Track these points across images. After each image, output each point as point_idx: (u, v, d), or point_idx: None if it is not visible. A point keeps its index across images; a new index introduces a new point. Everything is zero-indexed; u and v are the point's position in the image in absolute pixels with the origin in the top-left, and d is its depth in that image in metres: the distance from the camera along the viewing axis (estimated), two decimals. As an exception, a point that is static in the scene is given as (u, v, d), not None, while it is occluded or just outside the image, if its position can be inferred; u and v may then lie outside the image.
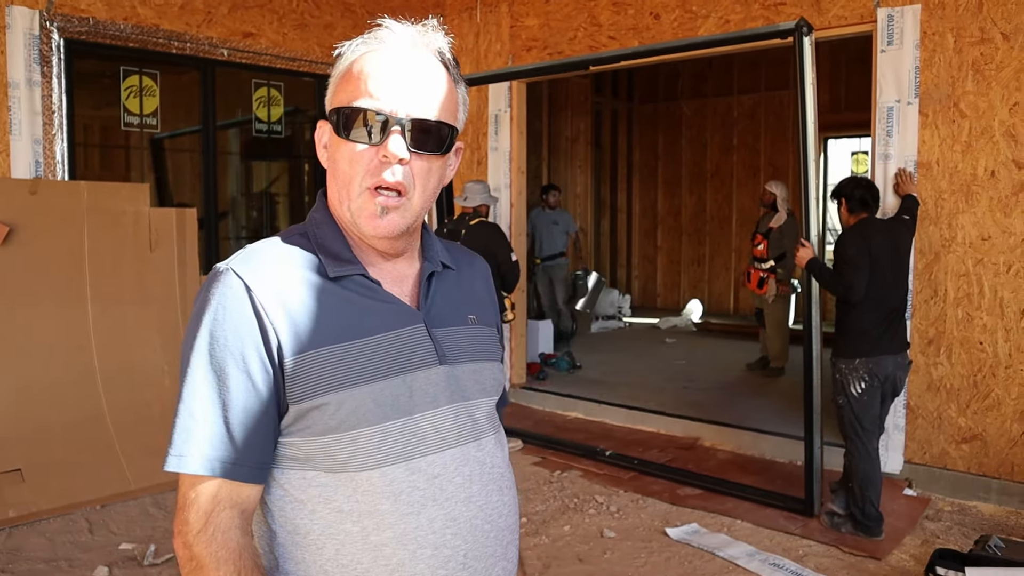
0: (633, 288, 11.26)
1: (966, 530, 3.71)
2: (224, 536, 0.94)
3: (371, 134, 0.98)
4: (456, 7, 6.36)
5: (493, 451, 1.08)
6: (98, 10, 4.58)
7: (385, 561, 0.97)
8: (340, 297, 1.00)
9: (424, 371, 1.02)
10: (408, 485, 0.97)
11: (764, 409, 5.49)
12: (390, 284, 1.05)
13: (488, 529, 1.04)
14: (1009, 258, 3.93)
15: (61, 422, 4.02)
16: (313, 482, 0.98)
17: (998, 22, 3.89)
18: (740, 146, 10.35)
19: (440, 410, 1.02)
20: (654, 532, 3.71)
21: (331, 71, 1.07)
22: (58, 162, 4.49)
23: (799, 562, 3.37)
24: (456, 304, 1.11)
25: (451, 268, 1.14)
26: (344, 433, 0.96)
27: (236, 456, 0.94)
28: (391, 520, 0.97)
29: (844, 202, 3.74)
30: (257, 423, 0.95)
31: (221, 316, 0.96)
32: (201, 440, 0.94)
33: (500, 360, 1.16)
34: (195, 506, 0.94)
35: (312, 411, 0.96)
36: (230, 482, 0.95)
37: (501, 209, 5.95)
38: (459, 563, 1.00)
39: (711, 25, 4.95)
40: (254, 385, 0.95)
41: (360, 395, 0.96)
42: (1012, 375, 3.93)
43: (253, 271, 0.98)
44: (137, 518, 3.80)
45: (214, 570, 0.92)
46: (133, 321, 4.42)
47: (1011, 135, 3.89)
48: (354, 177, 0.99)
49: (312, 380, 0.96)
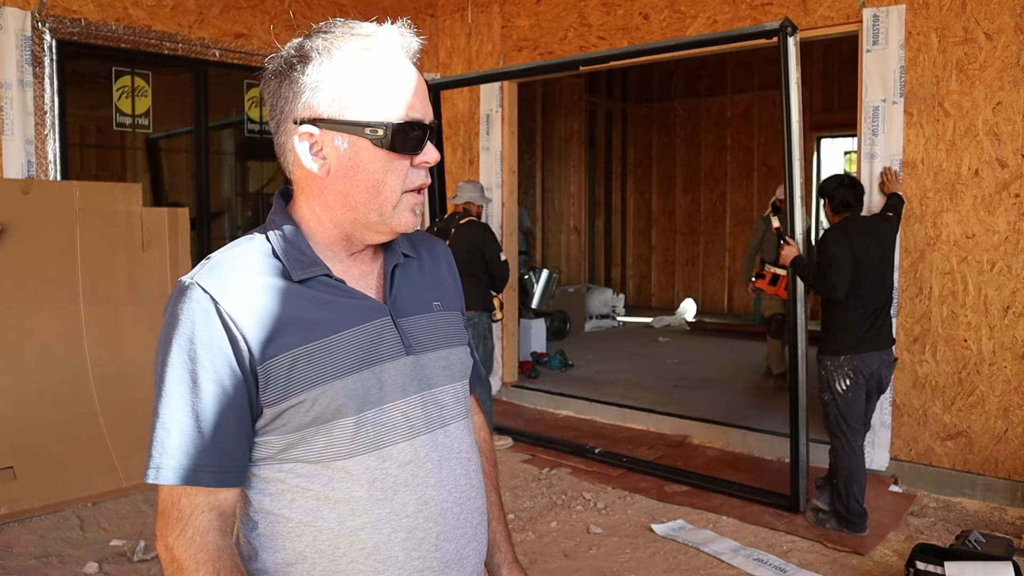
0: (627, 287, 11.30)
1: (950, 526, 3.74)
2: (203, 539, 0.97)
3: (418, 144, 1.03)
4: (448, 7, 6.39)
5: (460, 436, 1.12)
6: (90, 11, 4.61)
7: (361, 545, 1.01)
8: (305, 298, 1.02)
9: (392, 362, 1.05)
10: (381, 472, 1.02)
11: (753, 407, 5.52)
12: (355, 280, 1.08)
13: (458, 512, 1.09)
14: (993, 256, 3.96)
15: (53, 420, 4.05)
16: (291, 473, 1.02)
17: (981, 22, 3.93)
18: (734, 146, 10.40)
19: (409, 399, 1.06)
20: (640, 528, 3.74)
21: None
22: (50, 162, 4.52)
23: (783, 557, 3.40)
24: (421, 292, 1.15)
25: (412, 257, 1.17)
26: (319, 427, 1.00)
27: (210, 463, 0.98)
28: (366, 506, 1.01)
29: (827, 202, 3.78)
30: (230, 430, 0.99)
31: (189, 330, 0.98)
32: (176, 452, 0.97)
33: (466, 343, 1.20)
34: (175, 511, 0.98)
35: (287, 410, 0.99)
36: (207, 488, 0.98)
37: (492, 208, 5.98)
38: (432, 545, 1.05)
39: (699, 25, 4.98)
40: (226, 394, 0.98)
41: (332, 390, 1.00)
42: (996, 372, 3.97)
43: (218, 283, 1.00)
44: (128, 515, 3.83)
45: (193, 571, 0.96)
46: (125, 320, 4.45)
47: (994, 134, 3.93)
48: (390, 184, 1.03)
49: (285, 382, 0.99)
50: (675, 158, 10.92)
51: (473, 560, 1.12)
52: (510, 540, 1.31)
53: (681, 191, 10.89)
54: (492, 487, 1.30)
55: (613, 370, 6.86)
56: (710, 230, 10.65)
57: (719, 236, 10.58)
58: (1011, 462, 3.93)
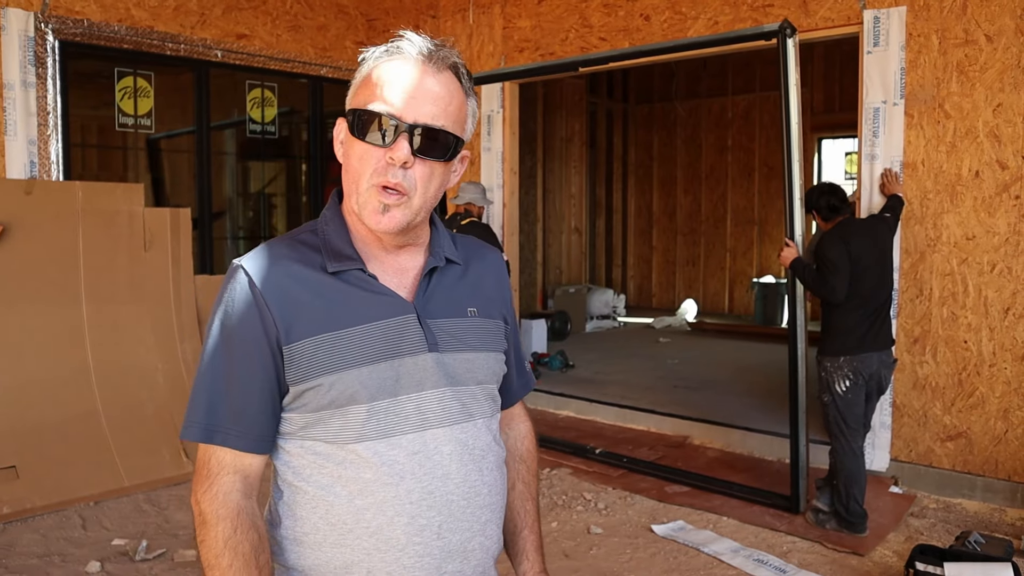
0: (628, 288, 11.31)
1: (950, 527, 3.75)
2: (225, 497, 1.07)
3: (383, 136, 1.06)
4: (449, 8, 6.40)
5: (479, 434, 1.16)
6: (92, 12, 4.63)
7: (366, 524, 1.08)
8: (336, 290, 1.10)
9: (412, 357, 1.11)
10: (389, 458, 1.08)
11: (753, 407, 5.53)
12: (389, 277, 1.14)
13: (464, 505, 1.12)
14: (993, 257, 3.97)
15: (55, 420, 4.06)
16: (310, 450, 1.10)
17: (982, 24, 3.94)
18: (735, 146, 10.40)
19: (425, 393, 1.11)
20: (641, 529, 3.75)
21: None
22: (53, 162, 4.53)
23: (783, 558, 3.41)
24: (457, 297, 1.19)
25: (457, 263, 1.21)
26: (335, 410, 1.07)
27: (235, 427, 1.08)
28: (373, 488, 1.07)
29: (816, 213, 3.81)
30: (256, 399, 1.08)
31: (230, 307, 1.09)
32: (204, 412, 1.08)
33: (501, 351, 1.23)
34: (204, 469, 1.09)
35: (307, 391, 1.07)
36: (233, 450, 1.08)
37: (493, 209, 5.99)
38: (434, 533, 1.09)
39: (700, 26, 4.99)
40: (254, 366, 1.07)
41: (349, 378, 1.07)
42: (996, 373, 3.97)
43: (259, 267, 1.10)
44: (130, 514, 3.84)
45: (214, 525, 1.06)
46: (127, 320, 4.46)
47: (995, 136, 3.94)
48: (362, 174, 1.07)
49: (307, 364, 1.07)
50: (676, 159, 10.92)
51: (478, 554, 1.15)
52: (541, 551, 1.33)
53: (682, 192, 10.90)
54: (530, 496, 1.34)
55: (614, 370, 6.87)
56: (711, 231, 10.66)
57: (720, 237, 10.59)
58: (1011, 463, 3.94)
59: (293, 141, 6.94)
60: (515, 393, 1.35)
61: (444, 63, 1.09)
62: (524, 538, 1.31)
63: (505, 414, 1.34)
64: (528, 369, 1.39)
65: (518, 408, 1.38)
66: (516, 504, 1.32)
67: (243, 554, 1.05)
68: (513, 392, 1.34)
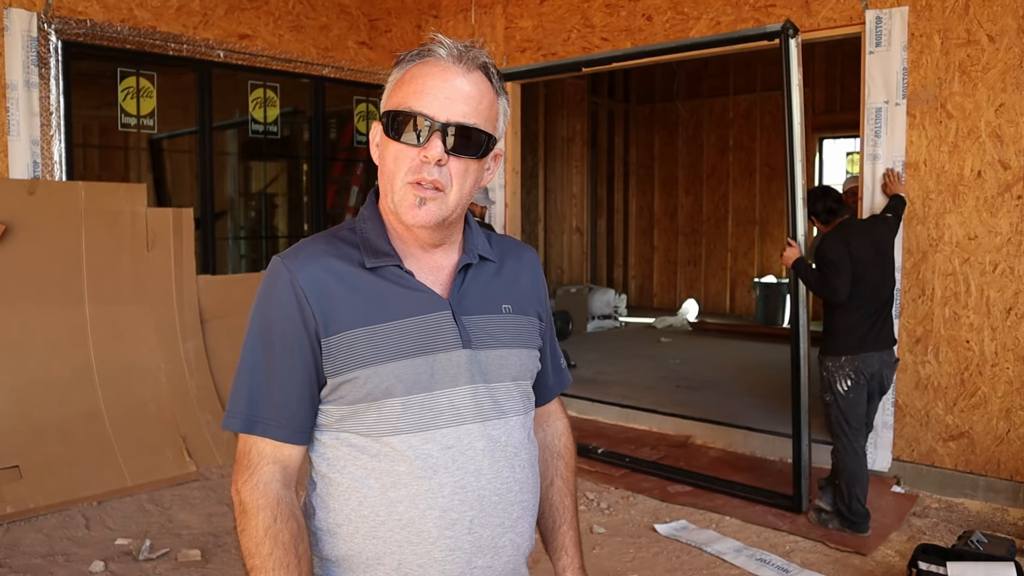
0: (629, 288, 11.31)
1: (952, 526, 3.76)
2: (265, 487, 1.10)
3: (418, 136, 1.08)
4: (451, 8, 6.40)
5: (512, 431, 1.17)
6: (95, 12, 4.63)
7: (398, 516, 1.09)
8: (373, 285, 1.12)
9: (447, 353, 1.12)
10: (423, 452, 1.09)
11: (755, 407, 5.53)
12: (425, 274, 1.16)
13: (496, 501, 1.13)
14: (995, 257, 3.97)
15: (58, 420, 4.07)
16: (345, 442, 1.12)
17: (984, 24, 3.94)
18: (736, 147, 10.41)
19: (458, 389, 1.12)
20: (643, 528, 3.75)
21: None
22: (56, 162, 4.54)
23: (786, 557, 3.42)
24: (492, 294, 1.20)
25: (492, 260, 1.22)
26: (371, 403, 1.10)
27: (274, 417, 1.11)
28: (406, 481, 1.09)
29: (815, 219, 3.81)
30: (295, 391, 1.11)
31: (270, 301, 1.12)
32: (244, 403, 1.12)
33: (535, 348, 1.24)
34: (245, 459, 1.12)
35: (344, 384, 1.10)
36: (273, 441, 1.11)
37: (495, 209, 6.00)
38: (465, 527, 1.11)
39: (702, 27, 4.99)
40: (295, 359, 1.10)
41: (384, 371, 1.09)
42: (998, 373, 3.98)
43: (299, 262, 1.12)
44: (133, 514, 3.85)
45: (254, 515, 1.08)
46: (130, 320, 4.47)
47: (997, 136, 3.94)
48: (397, 172, 1.10)
49: (345, 357, 1.09)
50: (677, 159, 10.93)
51: (509, 550, 1.16)
52: (579, 547, 1.34)
53: (683, 191, 10.90)
54: (568, 492, 1.35)
55: (615, 370, 6.87)
56: (712, 231, 10.66)
57: (721, 237, 10.59)
58: (1013, 463, 3.94)
59: (295, 141, 6.95)
60: (551, 390, 1.36)
61: (475, 63, 1.11)
62: (563, 534, 1.32)
63: (541, 411, 1.35)
64: (564, 367, 1.39)
65: (554, 405, 1.39)
66: (555, 500, 1.33)
67: (283, 543, 1.07)
68: (549, 389, 1.35)
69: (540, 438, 1.35)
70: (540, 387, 1.31)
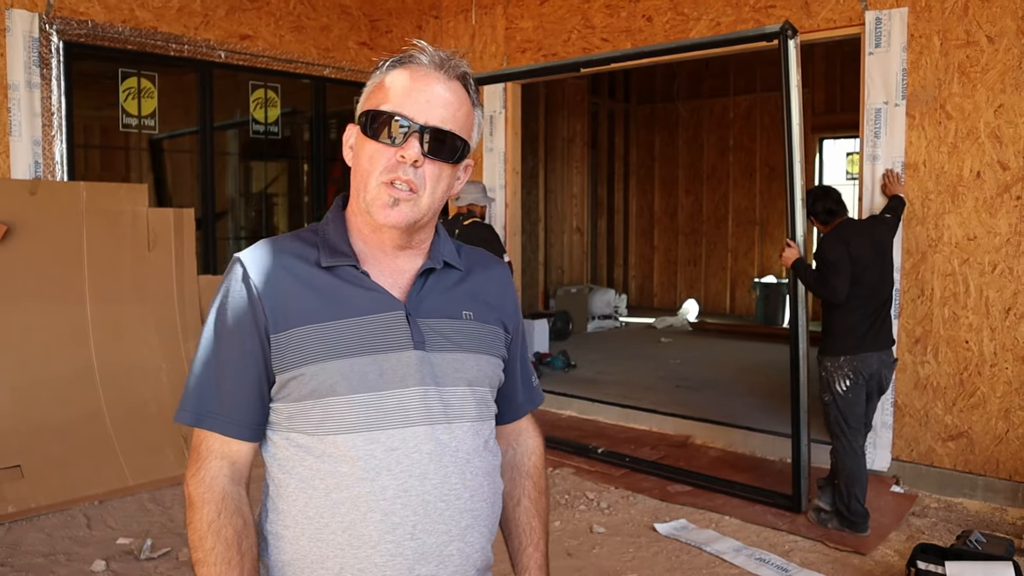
0: (629, 288, 11.32)
1: (951, 526, 3.76)
2: (212, 481, 1.10)
3: (393, 136, 1.09)
4: (452, 9, 6.41)
5: (463, 436, 1.14)
6: (97, 13, 4.64)
7: (340, 519, 1.08)
8: (326, 283, 1.13)
9: (396, 353, 1.11)
10: (365, 453, 1.08)
11: (755, 407, 5.54)
12: (384, 276, 1.16)
13: (442, 507, 1.10)
14: (994, 258, 3.98)
15: (60, 419, 4.08)
16: (293, 443, 1.11)
17: (983, 25, 3.95)
18: (736, 147, 10.41)
19: (408, 390, 1.11)
20: (643, 528, 3.76)
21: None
22: (57, 163, 4.55)
23: (785, 557, 3.42)
24: (452, 300, 1.19)
25: (457, 268, 1.22)
26: (316, 400, 1.09)
27: (222, 412, 1.11)
28: (348, 482, 1.08)
29: (815, 220, 3.81)
30: (244, 386, 1.11)
31: (225, 297, 1.13)
32: (194, 397, 1.12)
33: (498, 356, 1.22)
34: (195, 453, 1.12)
35: (291, 380, 1.10)
36: (222, 436, 1.11)
37: (496, 209, 6.01)
38: (407, 532, 1.08)
39: (702, 27, 5.00)
40: (243, 354, 1.10)
41: (330, 368, 1.08)
42: (997, 373, 3.99)
43: (254, 259, 1.14)
44: (134, 513, 3.86)
45: (199, 508, 1.09)
46: (131, 320, 4.48)
47: (996, 136, 3.95)
48: (372, 172, 1.10)
49: (293, 354, 1.09)
50: (677, 159, 10.93)
51: (457, 560, 1.12)
52: (544, 571, 1.29)
53: (683, 192, 10.91)
54: (536, 514, 1.31)
55: (615, 370, 6.88)
56: (712, 231, 10.67)
57: (721, 237, 10.60)
58: (1012, 463, 3.95)
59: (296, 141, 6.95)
60: (521, 407, 1.33)
61: (454, 72, 1.13)
62: (528, 555, 1.29)
63: (511, 428, 1.33)
64: (535, 384, 1.36)
65: (525, 422, 1.35)
66: (521, 520, 1.30)
67: (225, 538, 1.07)
68: (519, 406, 1.32)
69: (509, 456, 1.33)
70: (509, 403, 1.29)
